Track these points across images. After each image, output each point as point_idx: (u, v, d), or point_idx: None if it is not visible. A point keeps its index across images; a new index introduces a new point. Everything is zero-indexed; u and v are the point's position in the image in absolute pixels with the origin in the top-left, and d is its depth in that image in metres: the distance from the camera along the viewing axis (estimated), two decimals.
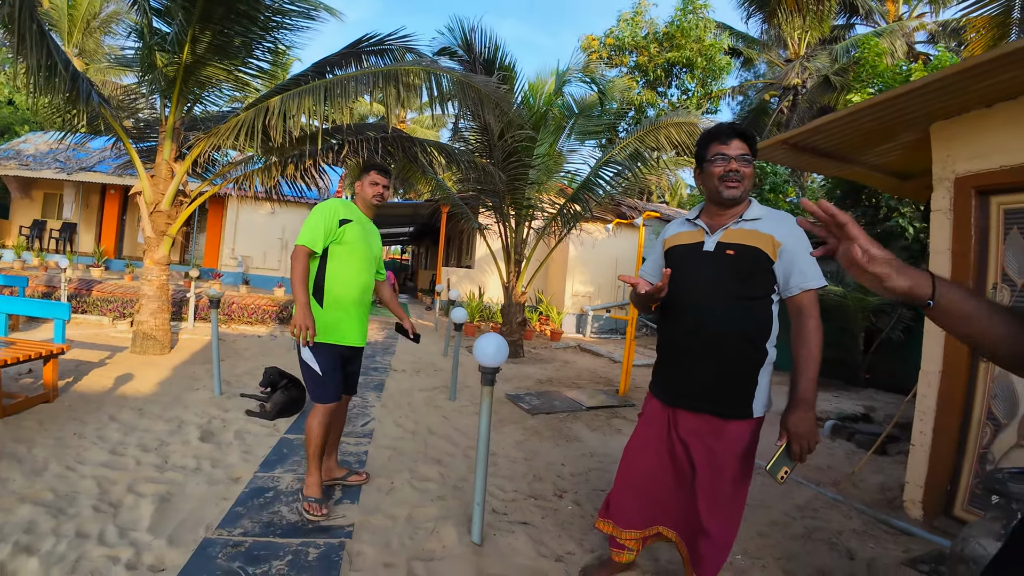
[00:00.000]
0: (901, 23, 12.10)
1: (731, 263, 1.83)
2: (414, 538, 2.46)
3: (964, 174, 3.00)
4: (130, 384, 4.65)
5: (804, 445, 1.71)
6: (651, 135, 6.65)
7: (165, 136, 5.70)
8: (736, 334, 1.83)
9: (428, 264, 22.80)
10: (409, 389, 5.47)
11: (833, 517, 3.17)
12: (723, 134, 1.88)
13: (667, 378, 2.00)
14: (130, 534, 2.31)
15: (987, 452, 2.91)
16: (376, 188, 2.83)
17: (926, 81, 2.68)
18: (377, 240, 2.93)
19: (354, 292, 2.69)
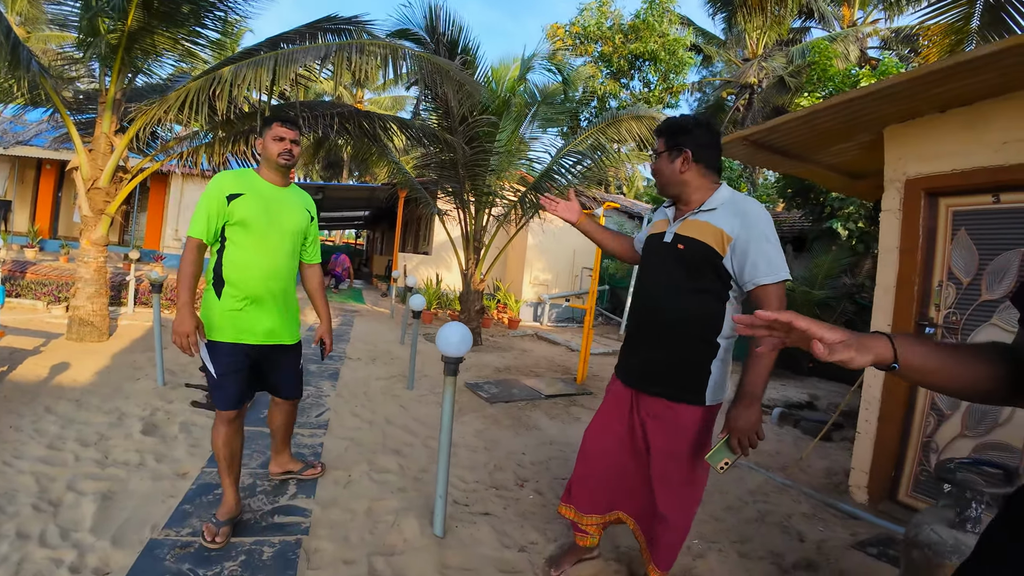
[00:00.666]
0: (855, 28, 12.57)
1: (680, 256, 1.86)
2: (374, 532, 2.39)
3: (915, 176, 3.12)
4: (67, 373, 4.35)
5: (744, 439, 1.74)
6: (613, 127, 6.68)
7: (105, 108, 5.31)
8: (684, 325, 1.87)
9: (384, 249, 22.36)
10: (365, 378, 5.35)
11: (783, 501, 3.29)
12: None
13: (626, 361, 2.08)
14: (72, 535, 2.16)
15: (931, 441, 3.07)
16: (282, 144, 2.28)
17: (883, 85, 2.76)
18: (295, 213, 2.38)
19: (255, 279, 2.23)
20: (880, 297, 3.31)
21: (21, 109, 6.51)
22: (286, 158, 2.30)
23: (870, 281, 7.60)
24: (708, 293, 1.85)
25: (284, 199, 2.35)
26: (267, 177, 2.33)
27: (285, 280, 2.35)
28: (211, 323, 2.19)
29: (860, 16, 13.86)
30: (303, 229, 2.42)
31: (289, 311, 2.42)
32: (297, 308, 2.50)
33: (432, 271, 12.33)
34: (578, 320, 11.74)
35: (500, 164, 7.41)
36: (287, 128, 2.29)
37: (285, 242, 2.31)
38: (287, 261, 2.34)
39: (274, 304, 2.31)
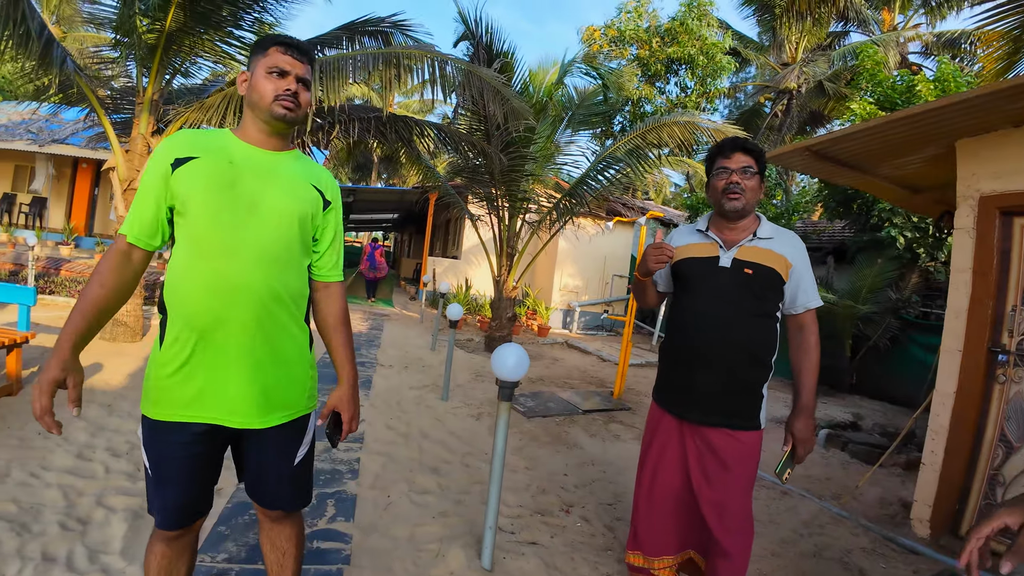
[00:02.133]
0: (896, 32, 12.15)
1: (748, 281, 1.88)
2: (418, 563, 2.30)
3: (989, 193, 2.93)
4: (99, 376, 4.38)
5: (809, 448, 1.88)
6: (654, 132, 6.53)
7: (142, 108, 5.36)
8: (748, 349, 1.88)
9: (412, 252, 22.45)
10: (398, 387, 5.29)
11: (841, 534, 3.13)
12: (726, 148, 1.94)
13: (677, 390, 2.00)
14: (101, 558, 2.08)
15: (998, 474, 2.89)
16: (283, 82, 1.38)
17: (962, 97, 2.59)
18: (290, 189, 1.41)
19: (200, 300, 1.30)
20: (951, 321, 3.12)
21: (58, 108, 6.64)
22: (287, 104, 1.38)
23: (916, 296, 7.29)
24: (771, 317, 1.92)
25: (272, 169, 1.40)
26: (249, 137, 1.42)
27: (263, 304, 1.34)
28: (146, 387, 1.37)
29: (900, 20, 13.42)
30: (305, 218, 1.43)
31: (274, 363, 1.39)
32: (302, 357, 1.48)
33: (461, 275, 12.28)
34: (608, 328, 11.57)
35: (535, 169, 7.32)
36: (292, 56, 1.39)
37: (265, 237, 1.34)
38: (268, 271, 1.34)
39: (240, 348, 1.33)
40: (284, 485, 1.49)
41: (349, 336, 1.58)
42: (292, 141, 1.64)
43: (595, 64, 7.45)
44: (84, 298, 1.29)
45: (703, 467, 1.94)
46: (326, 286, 1.56)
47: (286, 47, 1.39)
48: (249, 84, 1.40)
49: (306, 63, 1.43)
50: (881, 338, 7.14)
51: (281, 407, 1.41)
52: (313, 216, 1.45)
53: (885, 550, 2.97)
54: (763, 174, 1.95)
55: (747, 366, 1.88)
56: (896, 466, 4.39)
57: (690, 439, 1.98)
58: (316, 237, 1.50)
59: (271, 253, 1.35)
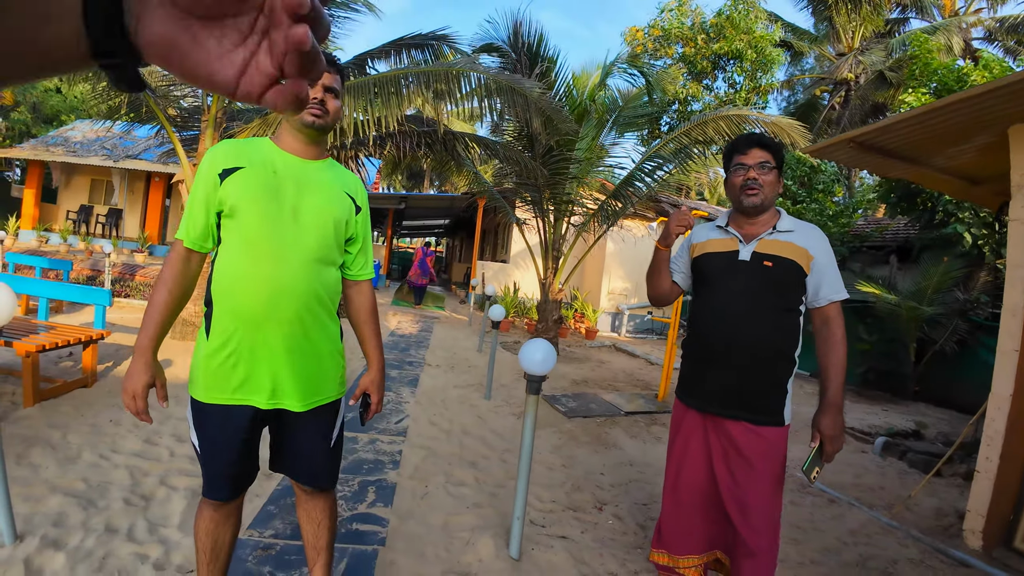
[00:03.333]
0: (958, 18, 11.40)
1: (768, 274, 1.87)
2: (449, 549, 2.41)
3: None
4: (168, 370, 4.74)
5: (836, 446, 1.83)
6: (699, 128, 6.43)
7: (207, 125, 5.78)
8: (770, 344, 1.87)
9: (462, 257, 22.85)
10: (443, 386, 5.45)
11: (888, 544, 3.01)
12: (742, 144, 1.94)
13: (701, 385, 2.00)
14: (160, 530, 2.29)
15: None
16: (311, 91, 1.42)
17: (1008, 81, 2.47)
18: (327, 197, 1.56)
19: (251, 299, 1.44)
20: (1007, 320, 2.95)
21: (130, 125, 7.22)
22: (316, 111, 1.50)
23: (986, 296, 6.84)
24: (793, 311, 1.89)
25: (309, 177, 1.53)
26: (287, 145, 1.54)
27: (304, 302, 1.49)
28: (194, 373, 1.51)
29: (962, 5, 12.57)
30: (340, 223, 1.57)
31: (313, 354, 1.55)
32: (335, 348, 1.63)
33: (510, 279, 12.42)
34: (657, 332, 11.40)
35: (580, 171, 7.36)
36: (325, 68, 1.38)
37: (306, 241, 1.49)
38: (310, 272, 1.50)
39: (284, 341, 1.48)
40: (322, 462, 1.66)
41: (377, 327, 1.77)
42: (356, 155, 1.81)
43: (639, 63, 7.40)
44: (154, 304, 1.46)
45: (728, 463, 1.94)
46: (357, 283, 1.74)
47: None
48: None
49: (333, 72, 1.55)
50: (947, 341, 6.74)
51: (316, 392, 1.57)
52: (347, 221, 1.61)
53: (934, 562, 2.84)
54: (781, 169, 1.94)
55: (769, 360, 1.87)
56: (956, 476, 4.15)
57: (713, 434, 1.98)
58: (349, 238, 1.65)
59: (312, 256, 1.50)
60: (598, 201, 7.75)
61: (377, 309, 1.79)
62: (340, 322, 1.68)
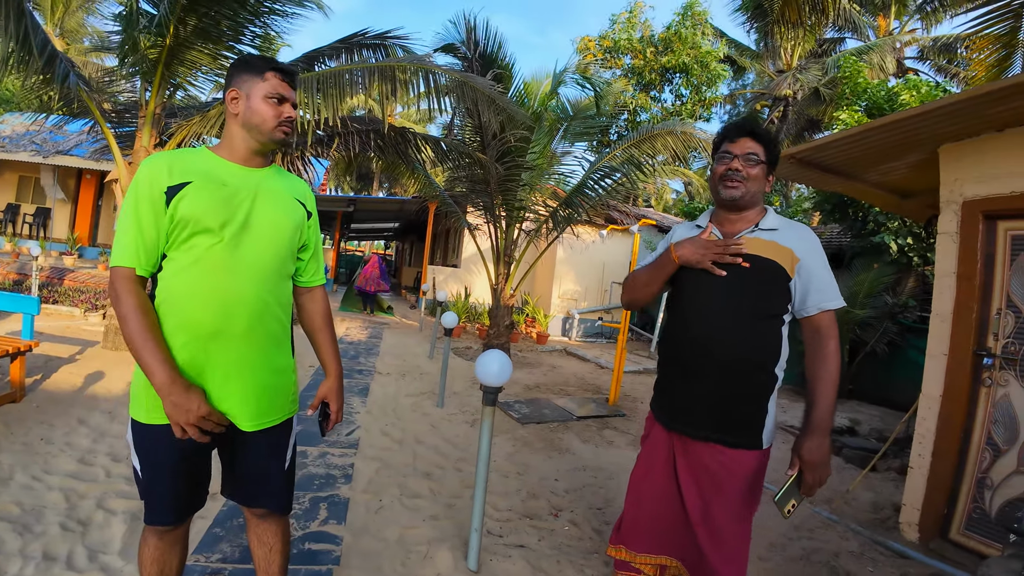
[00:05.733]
0: (891, 38, 12.24)
1: (746, 276, 1.68)
2: (406, 564, 2.34)
3: (972, 198, 2.97)
4: (101, 383, 4.44)
5: (818, 476, 1.58)
6: (647, 142, 6.60)
7: (145, 121, 5.46)
8: (748, 356, 1.68)
9: (413, 261, 22.55)
10: (395, 394, 5.33)
11: (830, 538, 3.14)
12: (732, 131, 1.76)
13: (671, 401, 1.84)
14: (100, 557, 2.14)
15: (986, 477, 2.90)
16: (281, 109, 1.46)
17: (940, 104, 2.64)
18: (281, 206, 1.50)
19: (205, 316, 1.36)
20: (936, 325, 3.15)
21: (62, 119, 6.78)
22: (286, 130, 1.49)
23: (914, 300, 7.30)
24: (775, 319, 1.70)
25: (261, 187, 1.47)
26: (232, 155, 1.48)
27: (258, 317, 1.43)
28: (136, 393, 1.40)
29: (896, 26, 13.52)
30: (294, 232, 1.53)
31: (267, 370, 1.48)
32: (288, 363, 1.56)
33: (461, 284, 12.34)
34: (607, 335, 11.59)
35: (532, 179, 7.39)
36: (289, 83, 1.48)
37: (261, 254, 1.43)
38: (264, 285, 1.44)
39: (236, 357, 1.41)
40: (276, 484, 1.56)
41: (333, 334, 1.71)
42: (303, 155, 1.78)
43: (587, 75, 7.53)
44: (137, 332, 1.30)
45: (696, 483, 1.78)
46: (310, 290, 1.69)
47: (284, 74, 1.47)
48: (246, 106, 1.44)
49: (296, 88, 1.53)
50: (878, 343, 7.14)
51: (270, 410, 1.49)
52: (299, 229, 1.56)
53: (874, 554, 2.98)
54: (772, 165, 1.76)
55: (746, 373, 1.68)
56: (891, 470, 4.39)
57: (680, 453, 1.82)
58: (301, 247, 1.60)
59: (266, 268, 1.45)
60: (549, 207, 7.81)
61: (331, 315, 1.73)
62: (292, 334, 1.60)
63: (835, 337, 1.66)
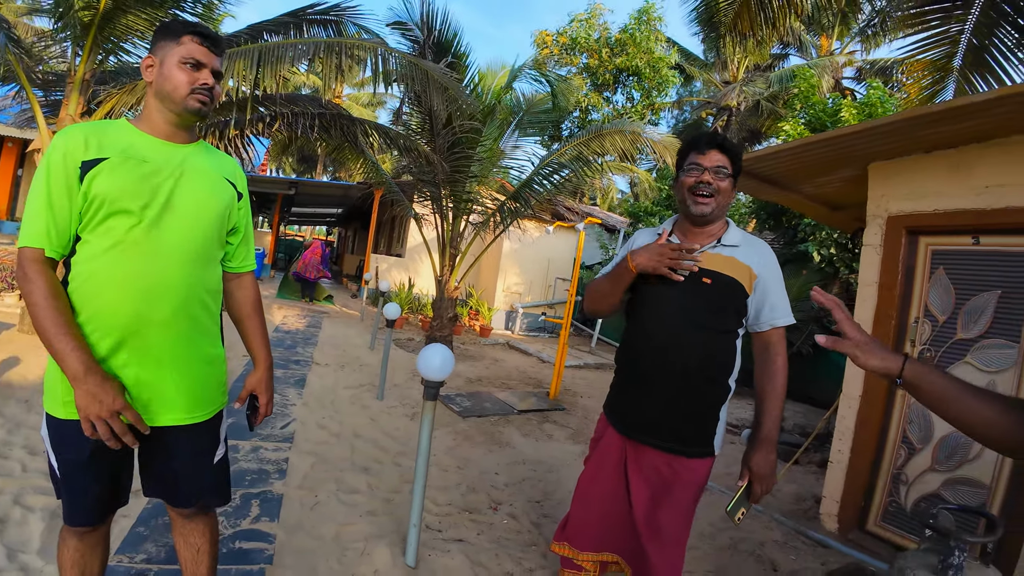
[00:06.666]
0: (832, 58, 12.94)
1: (706, 292, 1.70)
2: (343, 562, 2.27)
3: (897, 213, 3.17)
4: (16, 370, 4.08)
5: (767, 486, 1.67)
6: (596, 141, 6.68)
7: (73, 88, 5.04)
8: (703, 367, 1.72)
9: (356, 249, 21.98)
10: (333, 386, 5.18)
11: (755, 528, 3.29)
12: (702, 143, 1.75)
13: (625, 408, 1.87)
14: (19, 556, 2.00)
15: (901, 473, 3.11)
16: (197, 75, 1.34)
17: (871, 124, 2.79)
18: (207, 186, 1.40)
19: (125, 305, 1.26)
20: None
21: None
22: (203, 98, 1.35)
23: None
24: (731, 333, 1.74)
25: (185, 165, 1.36)
26: (153, 129, 1.36)
27: (183, 304, 1.33)
28: (51, 386, 1.30)
29: (837, 46, 14.32)
30: (222, 214, 1.42)
31: (195, 361, 1.38)
32: (217, 353, 1.47)
33: (405, 274, 12.13)
34: (549, 330, 11.71)
35: (481, 171, 7.33)
36: (207, 48, 1.35)
37: (186, 237, 1.33)
38: (190, 271, 1.34)
39: (160, 348, 1.31)
40: (207, 481, 1.47)
41: (263, 322, 1.63)
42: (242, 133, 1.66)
43: (544, 71, 7.53)
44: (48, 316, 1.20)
45: (648, 487, 1.82)
46: (239, 276, 1.60)
47: (202, 37, 1.34)
48: (159, 73, 1.33)
49: (219, 55, 1.40)
50: (804, 344, 7.56)
51: (198, 404, 1.40)
52: (228, 210, 1.46)
53: (797, 543, 3.15)
54: (737, 177, 1.77)
55: (700, 386, 1.73)
56: (812, 464, 4.66)
57: (632, 457, 1.85)
58: (231, 230, 1.51)
59: (191, 251, 1.34)
60: (497, 201, 7.78)
61: (261, 302, 1.64)
62: (221, 323, 1.51)
63: (783, 353, 1.73)
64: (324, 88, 5.14)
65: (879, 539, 3.11)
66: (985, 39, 3.81)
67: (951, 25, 3.88)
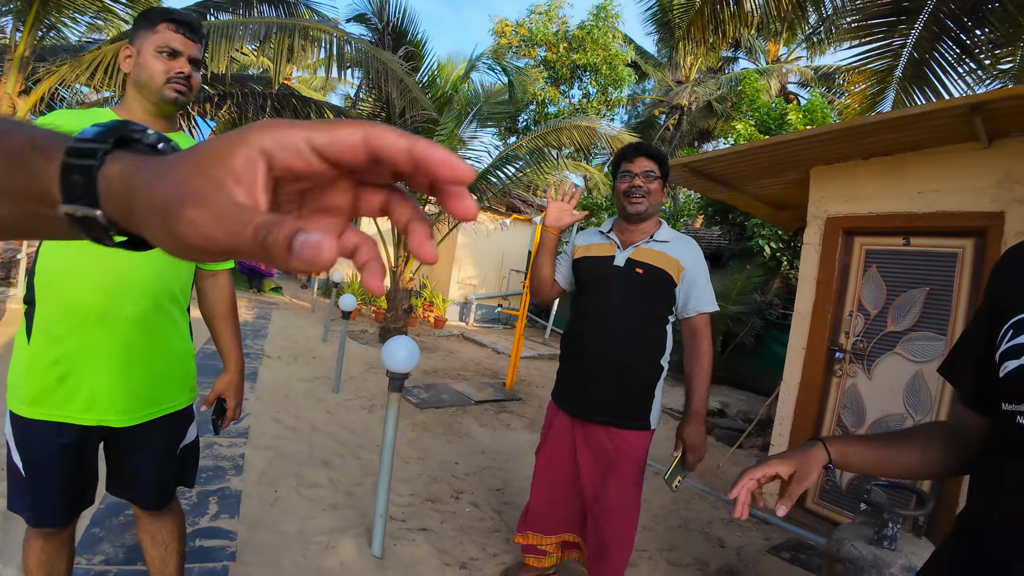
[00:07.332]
0: (778, 64, 13.49)
1: (639, 281, 1.92)
2: (307, 556, 2.27)
3: (835, 215, 3.39)
4: None
5: (698, 455, 1.90)
6: (554, 134, 6.76)
7: (12, 66, 4.73)
8: (637, 350, 1.93)
9: None
10: (287, 379, 5.08)
11: (703, 508, 3.49)
12: (630, 152, 1.99)
13: (571, 389, 2.05)
14: None
15: None
16: (174, 63, 1.30)
17: (814, 132, 2.98)
18: None
19: (84, 298, 1.22)
20: (797, 323, 3.57)
21: None
22: (179, 87, 1.31)
23: (778, 299, 8.19)
24: (660, 318, 1.96)
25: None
26: (134, 117, 1.30)
27: (153, 299, 1.30)
28: (14, 382, 1.25)
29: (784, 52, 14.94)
30: None
31: (160, 359, 1.35)
32: (186, 348, 1.44)
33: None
34: (503, 322, 11.80)
35: None
36: (184, 35, 1.31)
37: None
38: (161, 264, 1.30)
39: (124, 344, 1.26)
40: (168, 478, 1.45)
41: (236, 324, 1.59)
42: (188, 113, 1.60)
43: (502, 61, 7.54)
44: None
45: (593, 464, 2.00)
46: (213, 275, 1.54)
47: (178, 24, 1.31)
48: (136, 62, 1.30)
49: (198, 42, 1.37)
50: (747, 335, 7.95)
51: (165, 400, 1.38)
52: None
53: (741, 520, 3.36)
54: (666, 179, 2.00)
55: (635, 366, 1.92)
56: (754, 447, 4.94)
57: (581, 436, 2.02)
58: None
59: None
60: None
61: (236, 303, 1.60)
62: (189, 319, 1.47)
63: (708, 337, 1.96)
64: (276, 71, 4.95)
65: (817, 516, 3.36)
66: (926, 53, 4.07)
67: (894, 39, 4.12)
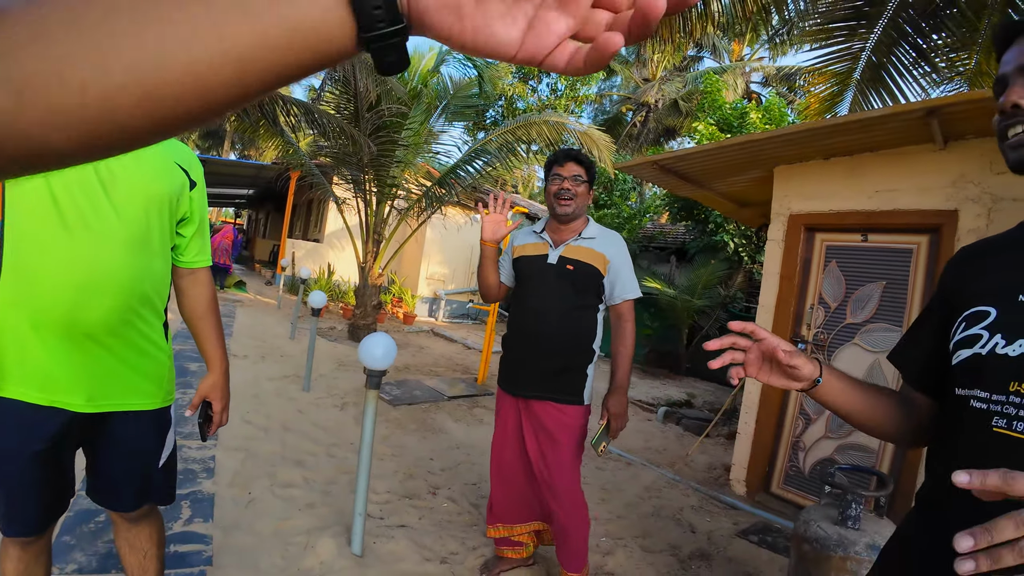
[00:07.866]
0: (742, 63, 13.82)
1: (570, 276, 2.11)
2: (286, 556, 2.25)
3: (797, 212, 3.53)
4: None
5: (621, 423, 2.11)
6: (524, 129, 6.78)
7: None
8: (570, 336, 2.12)
9: (268, 233, 20.84)
10: (255, 378, 4.98)
11: (674, 496, 3.60)
12: (560, 157, 2.17)
13: (513, 371, 2.23)
14: None
15: (799, 440, 3.50)
16: None
17: (779, 132, 3.09)
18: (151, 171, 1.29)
19: (53, 299, 1.17)
20: (761, 315, 3.70)
21: None
22: None
23: (742, 292, 8.43)
24: (590, 308, 2.16)
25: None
26: None
27: (124, 302, 1.24)
28: None
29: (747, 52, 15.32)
30: (171, 199, 1.33)
31: (131, 355, 1.30)
32: (158, 348, 1.38)
33: (323, 260, 11.74)
34: (473, 317, 11.81)
35: (407, 156, 7.23)
36: None
37: (123, 227, 1.22)
38: (128, 263, 1.23)
39: (95, 346, 1.23)
40: (149, 484, 1.40)
41: (219, 323, 1.52)
42: None
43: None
44: None
45: (537, 441, 2.16)
46: (192, 272, 1.48)
47: None
48: None
49: None
50: (712, 328, 8.16)
51: (134, 395, 1.32)
52: (179, 199, 1.36)
53: (711, 507, 3.49)
54: (592, 183, 2.19)
55: (570, 350, 2.12)
56: (721, 436, 5.09)
57: (525, 415, 2.19)
58: (181, 220, 1.40)
59: (130, 244, 1.23)
60: (422, 187, 7.72)
61: (217, 301, 1.55)
62: (166, 318, 1.43)
63: (631, 320, 2.17)
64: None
65: (783, 500, 3.50)
66: (884, 56, 4.24)
67: (854, 43, 4.28)
